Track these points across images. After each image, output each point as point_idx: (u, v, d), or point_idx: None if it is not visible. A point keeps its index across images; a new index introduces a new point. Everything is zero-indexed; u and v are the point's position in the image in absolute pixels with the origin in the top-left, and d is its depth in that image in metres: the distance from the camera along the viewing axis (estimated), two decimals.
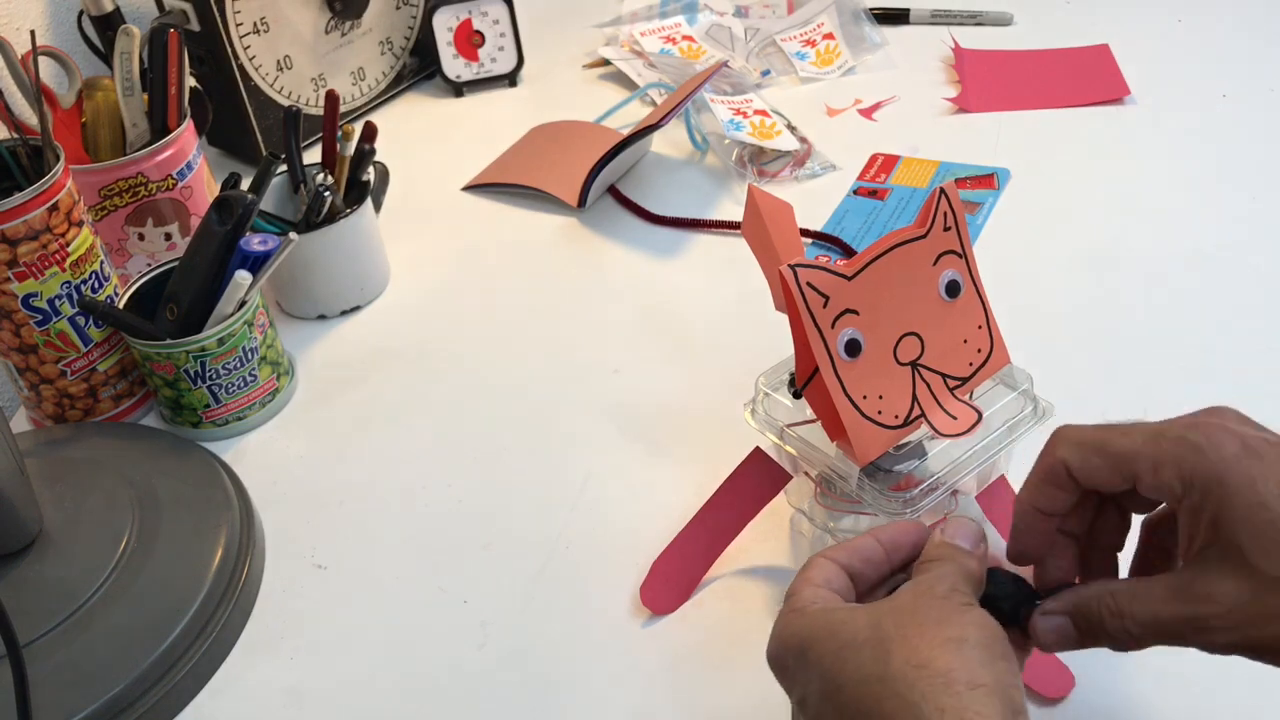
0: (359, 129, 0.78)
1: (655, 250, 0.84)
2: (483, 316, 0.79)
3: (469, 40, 1.07)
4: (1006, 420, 0.52)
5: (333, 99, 0.78)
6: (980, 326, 0.52)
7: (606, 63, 1.10)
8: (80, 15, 0.86)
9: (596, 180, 0.86)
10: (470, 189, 0.94)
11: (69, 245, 0.65)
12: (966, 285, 0.51)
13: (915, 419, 0.50)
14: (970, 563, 0.40)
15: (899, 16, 1.12)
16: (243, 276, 0.65)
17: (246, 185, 0.73)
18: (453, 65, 1.07)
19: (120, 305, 0.69)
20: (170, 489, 0.62)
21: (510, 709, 0.52)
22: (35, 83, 0.68)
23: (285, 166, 0.79)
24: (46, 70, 0.78)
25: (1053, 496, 0.41)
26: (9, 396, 0.82)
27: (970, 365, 0.52)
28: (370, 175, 0.80)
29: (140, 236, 0.78)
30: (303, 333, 0.79)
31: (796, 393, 0.50)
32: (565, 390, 0.71)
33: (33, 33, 0.70)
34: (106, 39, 0.83)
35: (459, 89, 1.09)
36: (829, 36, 1.08)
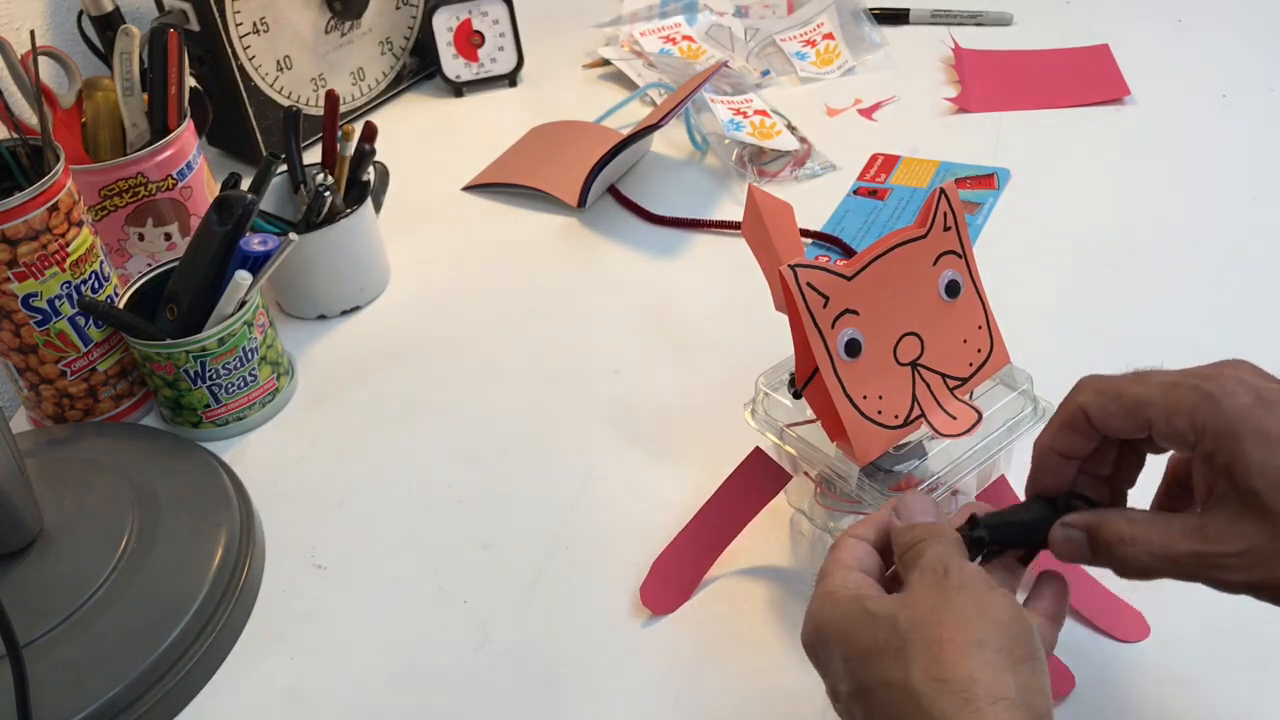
0: (359, 129, 0.78)
1: (655, 250, 0.84)
2: (483, 316, 0.79)
3: (469, 40, 1.07)
4: (1006, 420, 0.52)
5: (333, 99, 0.78)
6: (980, 326, 0.52)
7: (606, 63, 1.10)
8: (80, 15, 0.86)
9: (596, 180, 0.86)
10: (470, 189, 0.94)
11: (69, 245, 0.65)
12: (966, 285, 0.51)
13: (915, 419, 0.50)
14: (948, 532, 0.42)
15: (899, 16, 1.12)
16: (243, 276, 0.65)
17: (246, 185, 0.73)
18: (453, 65, 1.07)
19: (120, 305, 0.69)
20: (170, 489, 0.62)
21: (510, 709, 0.52)
22: (35, 83, 0.69)
23: (285, 166, 0.79)
24: (46, 70, 0.78)
25: (1071, 440, 0.42)
26: (9, 396, 0.82)
27: (970, 365, 0.52)
28: (370, 175, 0.80)
29: (140, 236, 0.78)
30: (303, 333, 0.79)
31: (796, 393, 0.51)
32: (565, 390, 0.71)
33: (33, 33, 0.70)
34: (106, 39, 0.83)
35: (459, 89, 1.08)
36: (829, 36, 1.08)
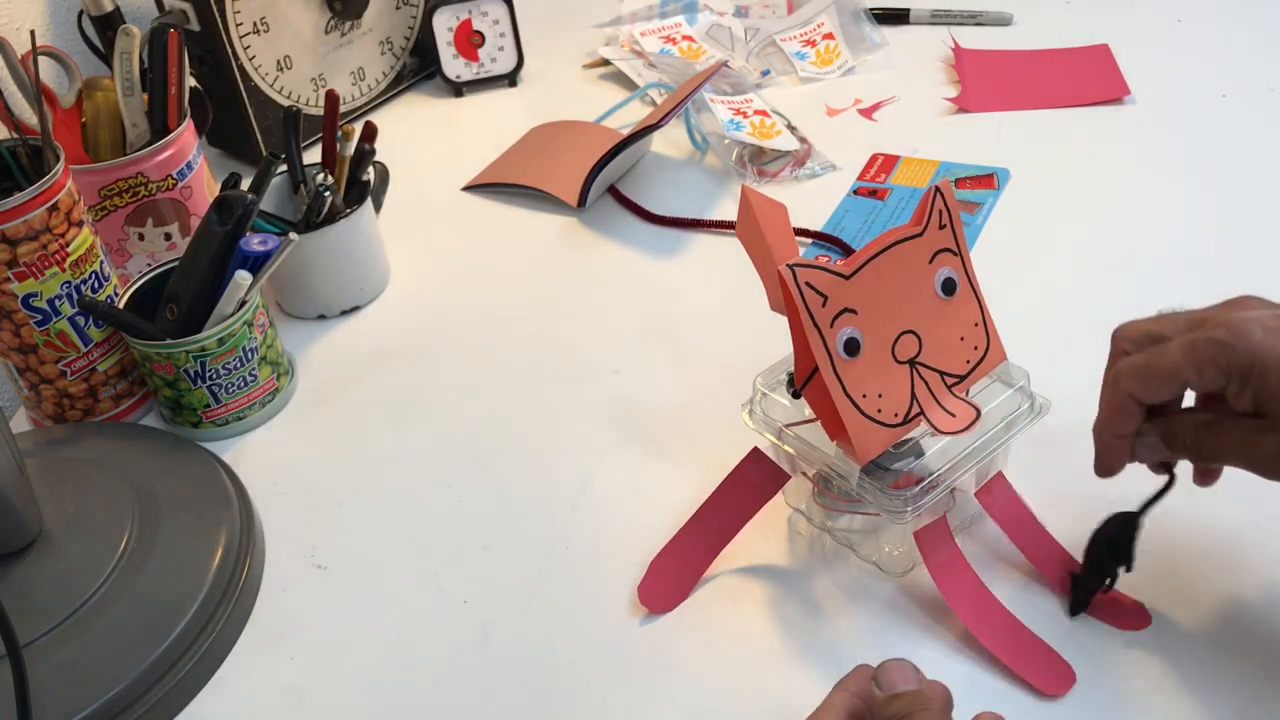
0: (359, 129, 0.78)
1: (655, 250, 0.84)
2: (483, 316, 0.79)
3: (469, 40, 1.07)
4: (1004, 417, 0.52)
5: (333, 99, 0.78)
6: (976, 324, 0.52)
7: (606, 63, 1.10)
8: (80, 15, 0.86)
9: (596, 180, 0.86)
10: (470, 189, 0.94)
11: (69, 245, 0.65)
12: (962, 282, 0.51)
13: (914, 417, 0.50)
14: (932, 702, 0.41)
15: (899, 16, 1.12)
16: (243, 276, 0.65)
17: (246, 185, 0.73)
18: (453, 65, 1.07)
19: (120, 305, 0.69)
20: (170, 489, 0.62)
21: (510, 709, 0.52)
22: (35, 83, 0.69)
23: (285, 166, 0.79)
24: (46, 70, 0.78)
25: (1124, 421, 0.48)
26: (9, 396, 0.82)
27: (967, 362, 0.52)
28: (370, 175, 0.80)
29: (140, 236, 0.78)
30: (303, 333, 0.79)
31: (796, 392, 0.51)
32: (565, 390, 0.71)
33: (33, 33, 0.70)
34: (106, 39, 0.84)
35: (459, 89, 1.09)
36: (829, 36, 1.08)
